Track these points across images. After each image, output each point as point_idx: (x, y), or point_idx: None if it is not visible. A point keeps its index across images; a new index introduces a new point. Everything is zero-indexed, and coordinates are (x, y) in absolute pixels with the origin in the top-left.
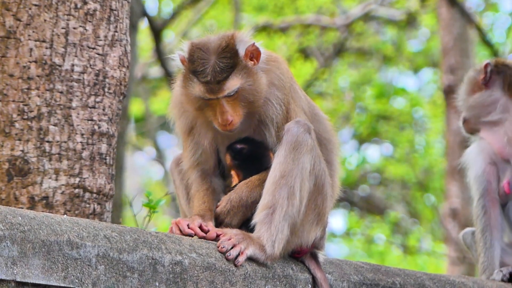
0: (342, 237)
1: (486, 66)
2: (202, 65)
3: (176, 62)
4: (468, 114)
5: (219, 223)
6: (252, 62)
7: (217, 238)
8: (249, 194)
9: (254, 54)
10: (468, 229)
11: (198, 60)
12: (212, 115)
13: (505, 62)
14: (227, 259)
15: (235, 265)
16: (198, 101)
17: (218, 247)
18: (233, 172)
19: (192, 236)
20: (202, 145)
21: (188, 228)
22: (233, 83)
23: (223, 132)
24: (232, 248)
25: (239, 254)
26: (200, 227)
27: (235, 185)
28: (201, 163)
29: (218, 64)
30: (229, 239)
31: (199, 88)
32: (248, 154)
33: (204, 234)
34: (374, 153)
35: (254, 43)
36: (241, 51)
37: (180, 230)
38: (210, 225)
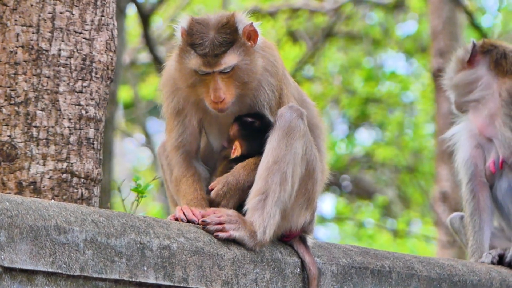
0: (332, 221)
1: (471, 45)
2: (201, 38)
3: (176, 35)
4: (453, 93)
5: (215, 206)
6: (250, 43)
7: None
8: (246, 177)
9: (251, 35)
10: (455, 214)
11: (197, 33)
12: (204, 91)
13: (493, 43)
14: (207, 231)
15: (215, 237)
16: (191, 77)
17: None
18: (237, 143)
19: (195, 223)
20: (189, 126)
21: (193, 215)
22: (231, 59)
23: (214, 112)
24: (216, 224)
25: (221, 230)
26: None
27: (234, 158)
28: (186, 144)
29: (217, 38)
30: (219, 217)
31: (195, 60)
32: (258, 128)
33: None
34: (363, 136)
35: (252, 23)
36: (240, 29)
37: (185, 215)
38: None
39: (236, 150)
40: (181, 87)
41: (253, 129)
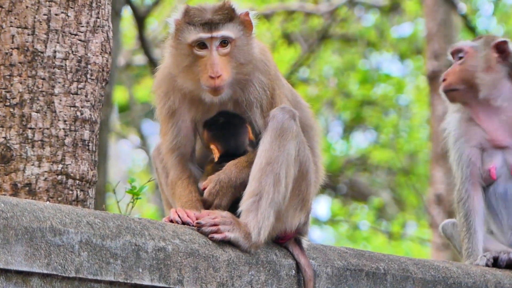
0: (327, 223)
1: (503, 44)
2: (199, 16)
3: (170, 23)
4: (469, 86)
5: (208, 206)
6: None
7: None
8: (238, 175)
9: (246, 24)
10: (447, 221)
11: (195, 13)
12: (201, 71)
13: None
14: (202, 232)
15: (210, 239)
16: (188, 57)
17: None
18: (212, 146)
19: (190, 225)
20: (184, 128)
21: (187, 217)
22: (229, 31)
23: (209, 97)
24: (211, 226)
25: (216, 231)
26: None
27: (218, 160)
28: (180, 147)
29: (215, 16)
30: (214, 218)
31: (194, 32)
32: (223, 123)
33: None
34: (359, 139)
35: (248, 12)
36: (237, 12)
37: (180, 217)
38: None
39: (215, 152)
40: (176, 74)
41: (219, 126)
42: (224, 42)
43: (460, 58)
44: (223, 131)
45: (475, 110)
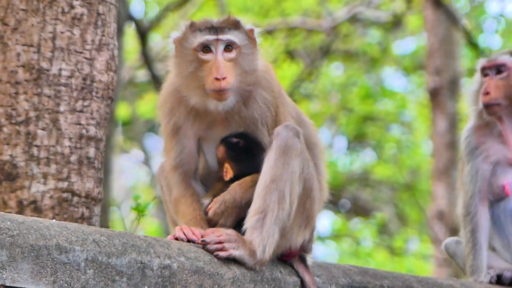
0: (330, 239)
1: None
2: (205, 24)
3: (174, 41)
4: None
5: (213, 225)
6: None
7: None
8: (243, 195)
9: (251, 38)
10: (450, 239)
11: (200, 22)
12: (206, 75)
13: None
14: (208, 250)
15: (215, 256)
16: (192, 62)
17: (202, 238)
18: (226, 165)
19: (195, 242)
20: (188, 146)
21: (192, 234)
22: (235, 35)
23: (214, 102)
24: (216, 244)
25: (221, 249)
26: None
27: (229, 180)
28: (185, 164)
29: (221, 23)
30: (219, 236)
31: (200, 35)
32: (243, 147)
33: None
34: (362, 154)
35: (253, 29)
36: (243, 25)
37: (185, 235)
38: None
39: (228, 172)
40: (180, 83)
41: (239, 149)
42: (229, 47)
43: (499, 72)
44: (243, 156)
45: (505, 125)
